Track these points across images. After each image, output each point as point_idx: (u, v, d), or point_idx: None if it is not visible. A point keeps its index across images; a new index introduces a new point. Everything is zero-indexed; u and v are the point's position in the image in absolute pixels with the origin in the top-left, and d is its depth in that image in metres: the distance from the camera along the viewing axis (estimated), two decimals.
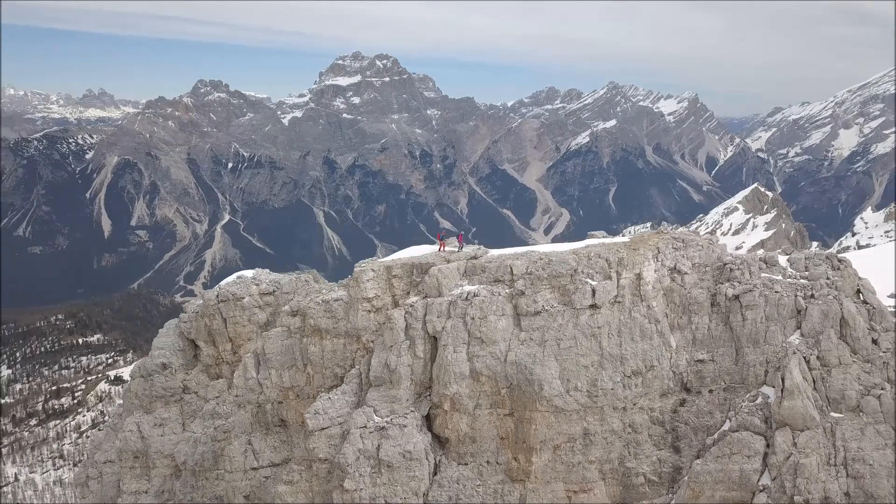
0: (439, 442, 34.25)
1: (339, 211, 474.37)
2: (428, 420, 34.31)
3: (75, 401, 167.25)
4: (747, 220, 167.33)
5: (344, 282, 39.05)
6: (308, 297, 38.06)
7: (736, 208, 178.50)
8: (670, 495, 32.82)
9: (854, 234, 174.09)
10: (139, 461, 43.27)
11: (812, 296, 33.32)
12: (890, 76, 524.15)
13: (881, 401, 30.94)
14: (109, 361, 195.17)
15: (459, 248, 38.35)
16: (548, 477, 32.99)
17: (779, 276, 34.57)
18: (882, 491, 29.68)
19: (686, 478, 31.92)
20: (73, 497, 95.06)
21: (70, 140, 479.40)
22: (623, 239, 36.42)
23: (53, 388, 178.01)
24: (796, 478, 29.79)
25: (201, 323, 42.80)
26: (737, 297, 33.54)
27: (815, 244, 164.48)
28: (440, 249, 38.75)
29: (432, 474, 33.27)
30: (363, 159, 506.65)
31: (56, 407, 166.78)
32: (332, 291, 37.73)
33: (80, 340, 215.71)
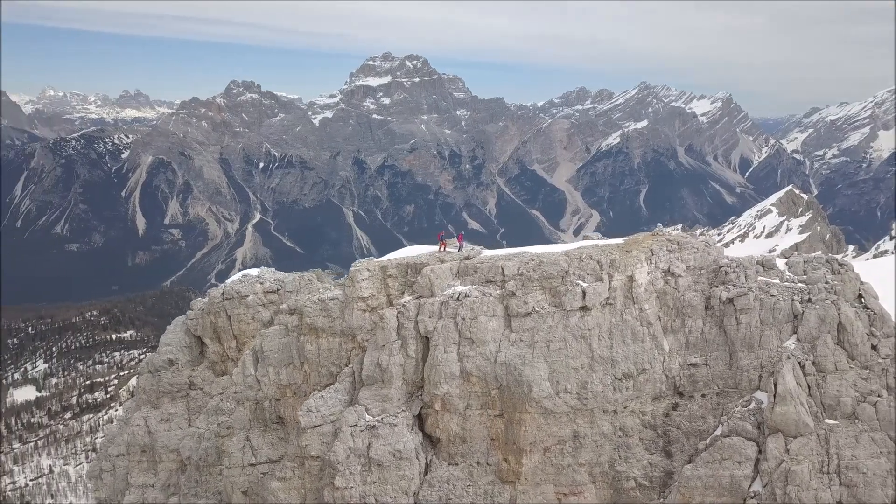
0: (431, 442, 34.40)
1: (369, 211, 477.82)
2: (420, 420, 34.49)
3: (108, 395, 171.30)
4: (781, 222, 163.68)
5: (341, 281, 39.44)
6: (305, 295, 38.52)
7: (769, 210, 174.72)
8: (661, 500, 32.51)
9: (893, 238, 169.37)
10: (146, 455, 44.15)
11: (809, 300, 32.72)
12: None
13: (877, 408, 30.27)
14: (141, 357, 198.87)
15: (459, 249, 38.40)
16: (538, 479, 32.91)
17: (776, 280, 33.99)
18: (875, 500, 29.05)
19: (676, 483, 31.61)
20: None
21: (107, 140, 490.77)
22: (618, 241, 36.12)
23: (87, 382, 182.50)
24: (787, 485, 29.31)
25: (207, 320, 43.54)
26: (731, 301, 33.06)
27: (851, 248, 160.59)
28: (440, 250, 38.80)
29: (423, 474, 33.42)
30: (392, 160, 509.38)
31: (90, 401, 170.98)
32: (328, 290, 38.14)
33: (114, 336, 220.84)
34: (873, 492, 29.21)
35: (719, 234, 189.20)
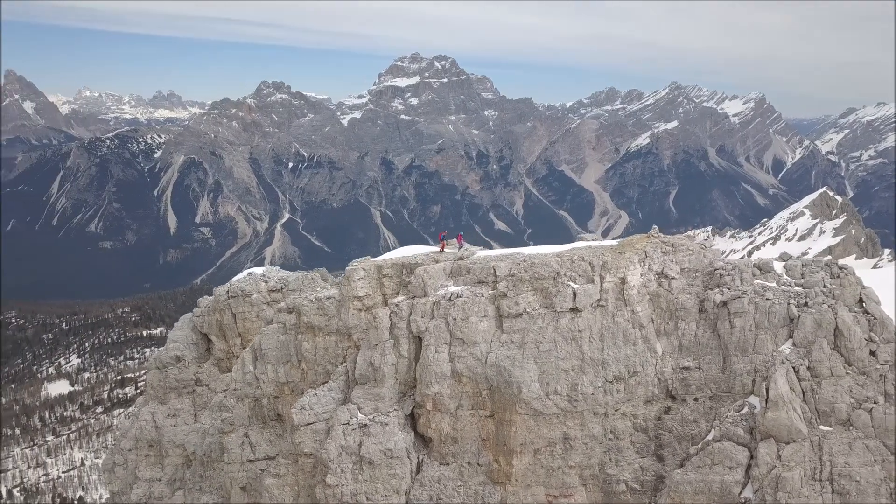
0: (423, 441, 34.56)
1: (396, 211, 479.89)
2: (413, 419, 34.68)
3: (138, 391, 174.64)
4: (814, 225, 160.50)
5: (338, 280, 39.84)
6: (304, 294, 39.00)
7: (802, 213, 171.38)
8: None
9: None
10: (153, 450, 44.98)
11: (806, 304, 32.17)
12: None
13: (872, 415, 29.68)
14: None
15: (459, 249, 38.52)
16: (528, 480, 32.86)
17: (772, 283, 33.48)
18: None
19: (667, 487, 31.34)
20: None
21: (140, 140, 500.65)
22: (612, 242, 35.87)
23: (118, 377, 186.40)
24: (777, 491, 28.89)
25: (213, 318, 44.29)
26: (725, 304, 32.64)
27: (887, 251, 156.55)
28: (441, 250, 38.98)
29: (414, 473, 33.60)
30: (420, 160, 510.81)
31: (120, 396, 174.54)
32: (325, 289, 38.56)
33: (145, 333, 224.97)
34: (866, 500, 28.66)
35: (750, 237, 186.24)
